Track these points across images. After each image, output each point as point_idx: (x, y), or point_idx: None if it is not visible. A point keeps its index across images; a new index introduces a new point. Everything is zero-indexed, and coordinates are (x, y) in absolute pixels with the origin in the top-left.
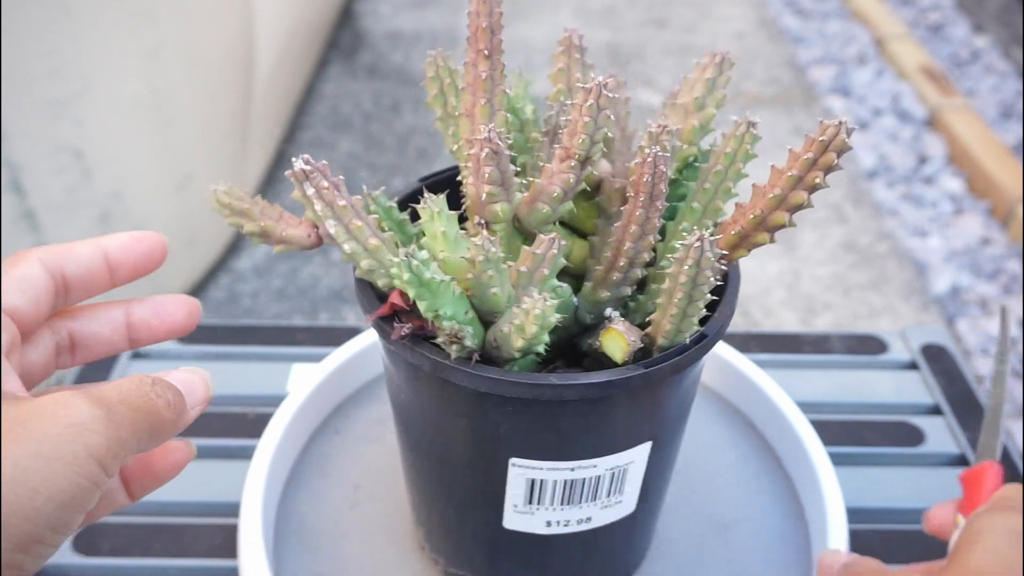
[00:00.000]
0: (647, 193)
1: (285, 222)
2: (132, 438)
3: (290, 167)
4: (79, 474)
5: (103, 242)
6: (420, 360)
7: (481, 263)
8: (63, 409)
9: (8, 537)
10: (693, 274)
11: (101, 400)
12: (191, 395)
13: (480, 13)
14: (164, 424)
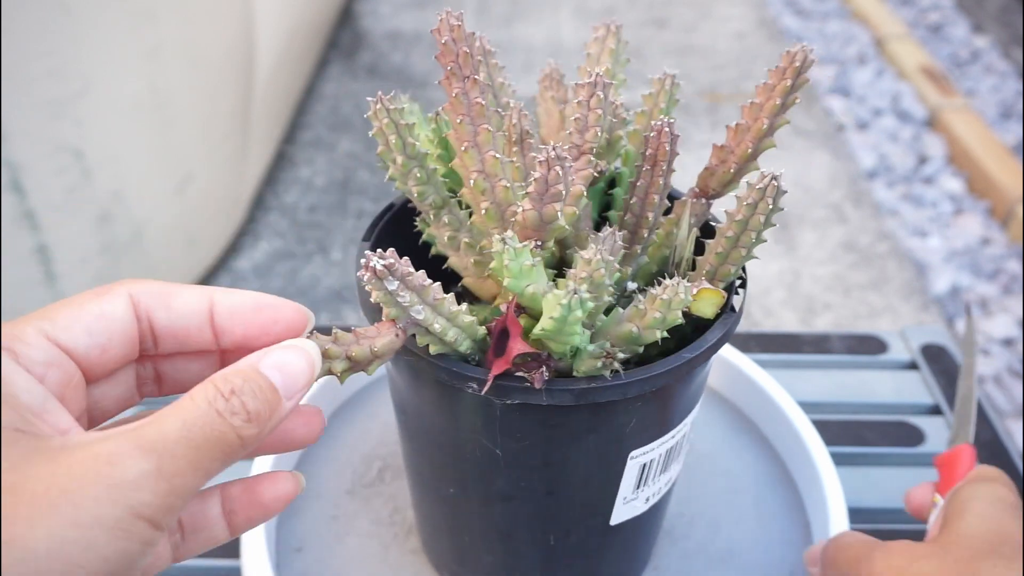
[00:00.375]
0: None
1: (366, 338)
2: (195, 479)
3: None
4: (124, 539)
5: (216, 296)
6: (565, 398)
7: (599, 273)
8: (106, 466)
9: None
10: (749, 214)
11: (154, 447)
12: (289, 384)
13: (456, 41)
14: (242, 443)
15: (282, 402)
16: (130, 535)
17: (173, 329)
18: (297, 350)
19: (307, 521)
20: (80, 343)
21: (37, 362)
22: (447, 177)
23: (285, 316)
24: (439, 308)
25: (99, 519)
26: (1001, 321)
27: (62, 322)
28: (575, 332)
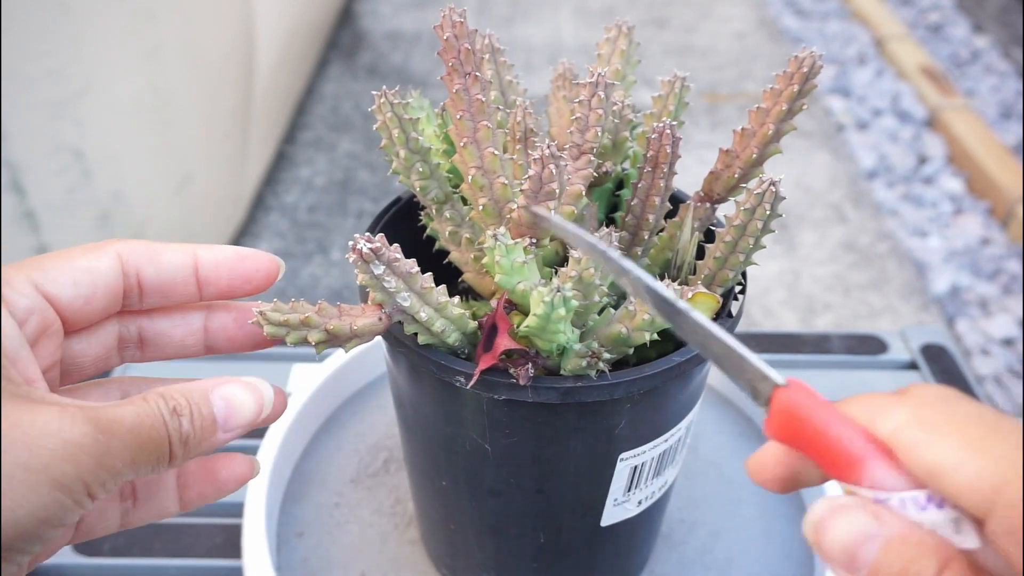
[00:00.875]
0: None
1: (348, 315)
2: (128, 468)
3: (348, 251)
4: (63, 493)
5: (199, 252)
6: (551, 396)
7: (588, 272)
8: (63, 427)
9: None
10: (747, 219)
11: (107, 427)
12: (230, 417)
13: (458, 37)
14: (172, 457)
15: (217, 433)
16: (68, 491)
17: (160, 283)
18: (251, 389)
19: (310, 507)
20: (65, 293)
21: (21, 308)
22: (451, 173)
23: (264, 265)
24: (426, 297)
25: (47, 469)
26: (1001, 321)
27: (51, 272)
28: (559, 330)
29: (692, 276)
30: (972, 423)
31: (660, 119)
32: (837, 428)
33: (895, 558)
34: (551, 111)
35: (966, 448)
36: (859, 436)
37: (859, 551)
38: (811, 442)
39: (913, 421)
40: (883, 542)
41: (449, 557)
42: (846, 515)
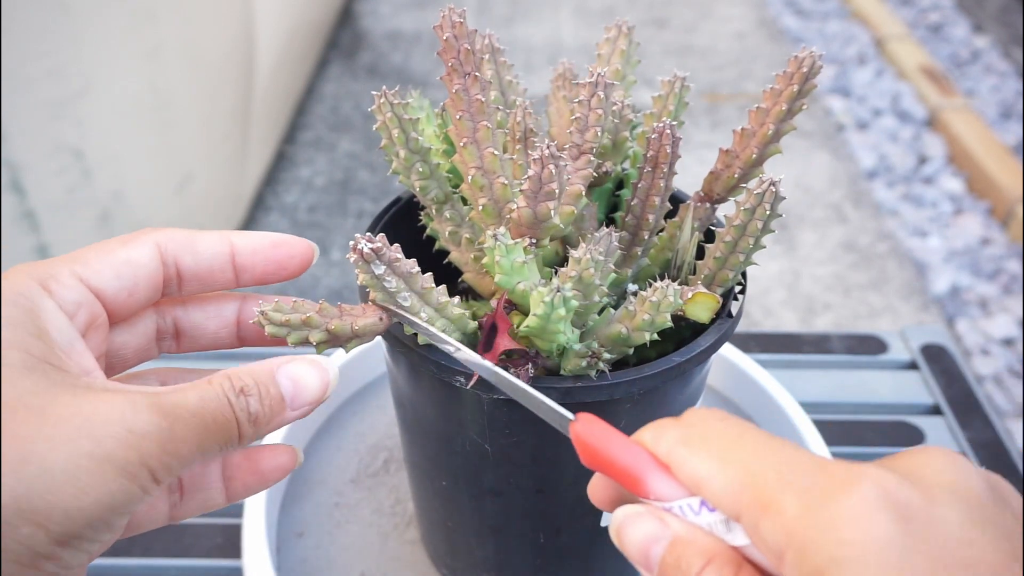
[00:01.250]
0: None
1: (349, 315)
2: (195, 452)
3: (349, 251)
4: (128, 480)
5: (235, 239)
6: (551, 396)
7: (588, 272)
8: (128, 414)
9: (49, 530)
10: (747, 219)
11: (170, 412)
12: (297, 396)
13: (458, 37)
14: (242, 437)
15: (286, 411)
16: (134, 478)
17: (198, 271)
18: (317, 367)
19: (310, 507)
20: (109, 286)
21: (69, 301)
22: (451, 173)
23: (299, 251)
24: (426, 297)
25: (111, 457)
26: (1001, 321)
27: (94, 265)
28: (559, 330)
29: (692, 276)
30: (721, 438)
31: (660, 119)
32: (620, 451)
33: (672, 556)
34: (551, 111)
35: (716, 461)
36: (640, 457)
37: (649, 551)
38: (605, 465)
39: (679, 441)
40: (667, 543)
41: (449, 557)
42: (637, 521)
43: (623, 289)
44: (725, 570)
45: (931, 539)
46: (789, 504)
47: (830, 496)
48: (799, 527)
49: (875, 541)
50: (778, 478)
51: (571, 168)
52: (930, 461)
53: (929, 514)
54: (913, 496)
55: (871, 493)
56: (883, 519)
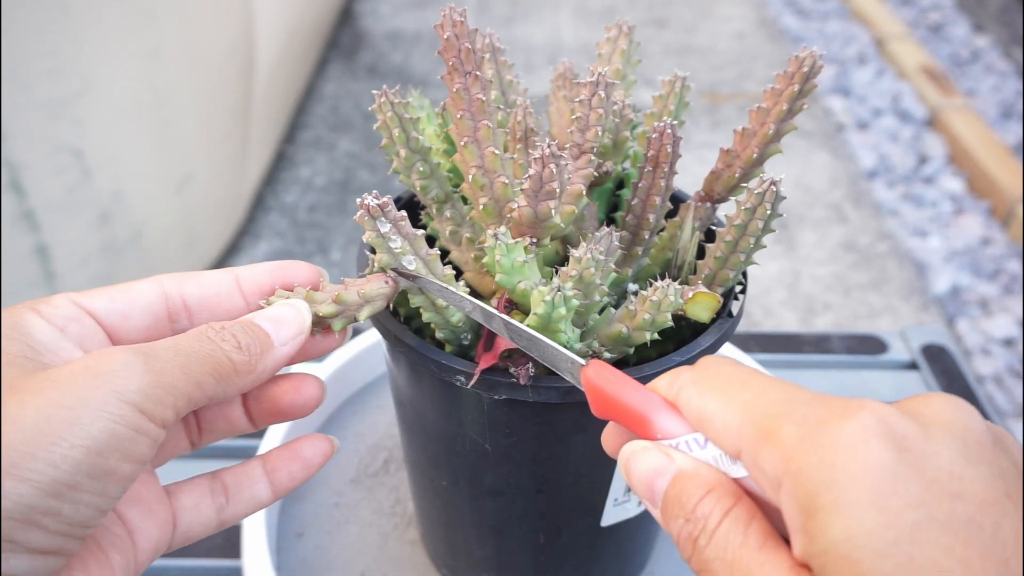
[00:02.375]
0: (667, 161)
1: (355, 285)
2: (185, 383)
3: (356, 206)
4: (110, 420)
5: (239, 270)
6: (551, 395)
7: (589, 272)
8: (95, 359)
9: (34, 483)
10: (748, 219)
11: (142, 349)
12: (280, 331)
13: (459, 37)
14: (234, 366)
15: (274, 345)
16: (116, 417)
17: (204, 298)
18: (286, 304)
19: (310, 507)
20: (101, 307)
21: (59, 316)
22: (452, 172)
23: (302, 274)
24: (431, 265)
25: (84, 400)
26: (1001, 321)
27: (90, 292)
28: (560, 329)
29: (693, 276)
30: (730, 380)
31: (660, 119)
32: (629, 394)
33: (675, 490)
34: (551, 111)
35: (722, 399)
36: (648, 398)
37: (654, 484)
38: (615, 410)
39: (690, 382)
40: (671, 476)
41: (449, 557)
42: (644, 455)
43: (623, 289)
44: (724, 500)
45: (924, 469)
46: (788, 433)
47: (827, 424)
48: (796, 454)
49: (867, 466)
50: (779, 410)
51: (572, 167)
52: (932, 402)
53: (924, 446)
54: (910, 428)
55: (868, 421)
56: (877, 446)
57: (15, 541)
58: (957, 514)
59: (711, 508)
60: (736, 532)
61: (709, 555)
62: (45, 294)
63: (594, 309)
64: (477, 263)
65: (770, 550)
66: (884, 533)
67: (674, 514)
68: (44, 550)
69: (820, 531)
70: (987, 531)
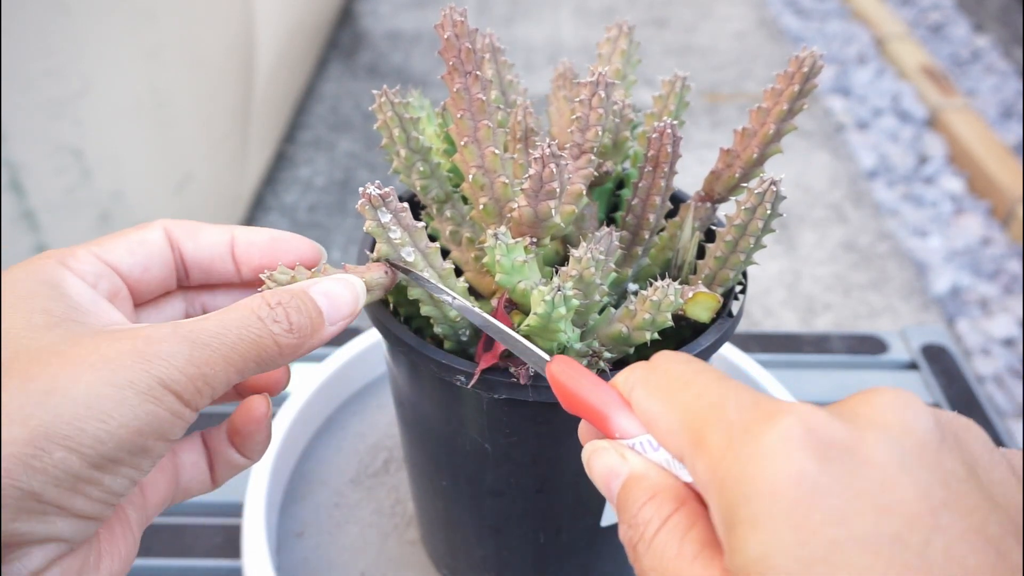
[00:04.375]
0: (667, 161)
1: (355, 271)
2: (226, 372)
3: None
4: (153, 403)
5: (236, 232)
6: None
7: (589, 272)
8: (143, 343)
9: (82, 455)
10: (748, 219)
11: (188, 337)
12: (333, 311)
13: (459, 36)
14: (280, 351)
15: (325, 325)
16: (159, 402)
17: (198, 259)
18: (344, 282)
19: (310, 507)
20: (124, 261)
21: (88, 272)
22: (452, 172)
23: (297, 248)
24: (430, 258)
25: (132, 383)
26: (1001, 321)
27: (107, 245)
28: (560, 329)
29: (693, 276)
30: (675, 380)
31: (661, 119)
32: (589, 391)
33: (625, 492)
34: (551, 111)
35: (664, 402)
36: (608, 396)
37: (610, 484)
38: (579, 406)
39: (639, 382)
40: (623, 478)
41: (449, 557)
42: (601, 455)
43: (624, 288)
44: (665, 507)
45: (850, 480)
46: (714, 440)
47: (751, 432)
48: (721, 463)
49: (787, 478)
50: (710, 415)
51: (572, 167)
52: (874, 399)
53: (853, 452)
54: (840, 433)
55: (792, 429)
56: (800, 456)
57: (62, 506)
58: (881, 530)
59: (651, 515)
60: (672, 542)
61: (646, 564)
62: None
63: (594, 309)
64: (477, 263)
65: (705, 560)
66: (799, 552)
67: (622, 518)
68: (86, 515)
69: (739, 547)
70: (913, 549)
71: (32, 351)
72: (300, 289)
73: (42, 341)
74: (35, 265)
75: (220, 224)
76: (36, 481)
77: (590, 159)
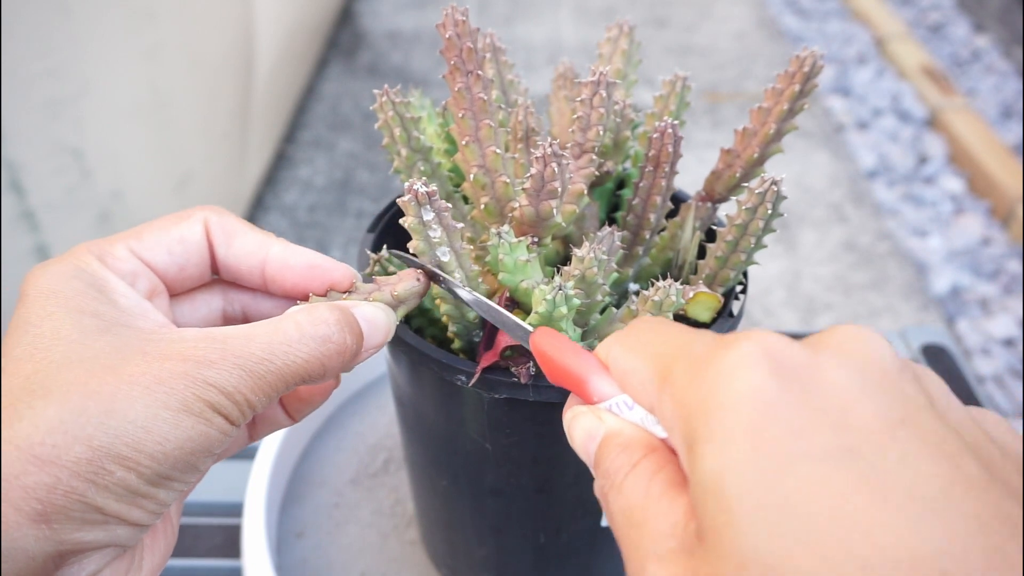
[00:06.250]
0: (668, 161)
1: (387, 284)
2: (269, 395)
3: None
4: (205, 425)
5: (273, 248)
6: (552, 395)
7: (591, 271)
8: (195, 367)
9: (140, 474)
10: (748, 219)
11: (238, 362)
12: (373, 334)
13: (460, 36)
14: (324, 372)
15: (362, 350)
16: (210, 423)
17: (229, 264)
18: (384, 310)
19: (310, 508)
20: (161, 260)
21: (126, 272)
22: (453, 171)
23: (335, 278)
24: (462, 260)
25: (187, 406)
26: (1001, 321)
27: (147, 241)
28: (561, 328)
29: (693, 276)
30: (650, 334)
31: (661, 118)
32: (569, 358)
33: (601, 451)
34: (552, 110)
35: (639, 354)
36: (588, 362)
37: (588, 447)
38: (561, 375)
39: (616, 341)
40: (600, 438)
41: (449, 557)
42: (579, 419)
43: (625, 288)
44: (634, 454)
45: (809, 398)
46: (679, 372)
47: (712, 358)
48: (684, 393)
49: (743, 394)
50: (677, 355)
51: (573, 167)
52: (837, 331)
53: (812, 374)
54: (799, 356)
55: (751, 350)
56: (758, 373)
57: (121, 517)
58: (838, 443)
59: (621, 462)
60: (640, 482)
61: (614, 507)
62: None
63: (596, 308)
64: (479, 262)
65: (671, 498)
66: (756, 464)
67: (599, 475)
68: (140, 523)
69: (696, 463)
70: (868, 459)
71: (86, 360)
72: (348, 310)
73: (95, 348)
74: (77, 262)
75: (260, 231)
76: (100, 497)
77: (591, 159)
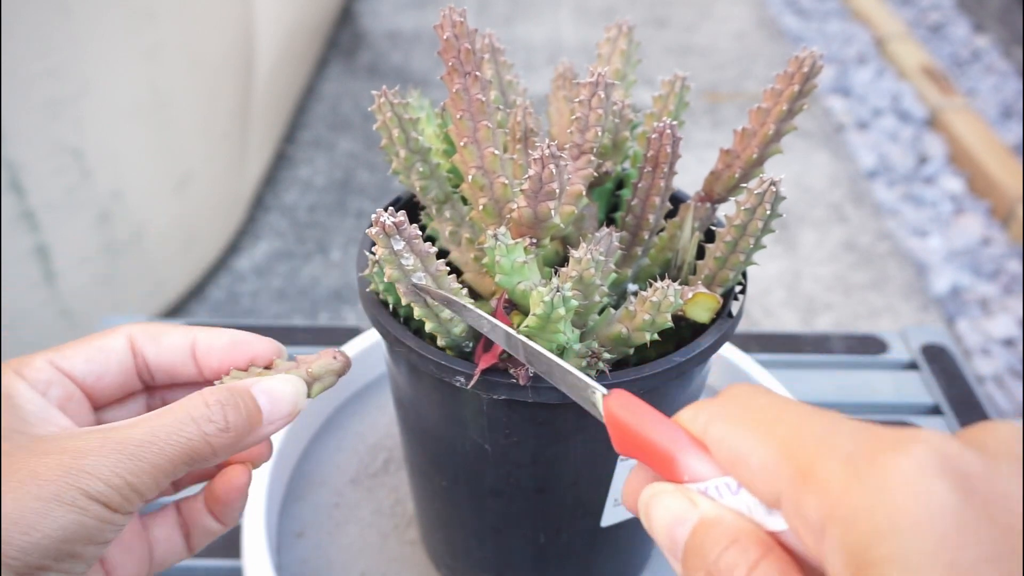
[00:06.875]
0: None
1: (304, 363)
2: (153, 477)
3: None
4: (79, 514)
5: (198, 335)
6: (550, 396)
7: (589, 272)
8: (71, 459)
9: (8, 565)
10: (747, 219)
11: (117, 448)
12: (274, 408)
13: (459, 37)
14: (213, 451)
15: (262, 424)
16: (84, 511)
17: (161, 362)
18: (288, 381)
19: (310, 508)
20: (78, 369)
21: (40, 380)
22: (451, 172)
23: (258, 350)
24: (439, 281)
25: (57, 496)
26: (1001, 321)
27: (66, 352)
28: (559, 330)
29: (692, 276)
30: (762, 412)
31: (660, 119)
32: (653, 428)
33: (696, 539)
34: (551, 111)
35: (756, 435)
36: (675, 435)
37: (675, 532)
38: (639, 446)
39: (717, 416)
40: (692, 524)
41: (449, 557)
42: (664, 499)
43: (623, 289)
44: (751, 551)
45: (993, 512)
46: (832, 471)
47: (879, 461)
48: (844, 496)
49: (932, 511)
50: (820, 445)
51: (571, 168)
52: (995, 431)
53: (991, 485)
54: (974, 464)
55: (927, 457)
56: (941, 487)
57: None
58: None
59: (735, 560)
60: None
61: None
62: (45, 294)
63: (594, 310)
64: (477, 263)
65: None
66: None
67: (694, 566)
68: None
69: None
70: None
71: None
72: (243, 387)
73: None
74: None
75: (182, 326)
76: None
77: (590, 159)
